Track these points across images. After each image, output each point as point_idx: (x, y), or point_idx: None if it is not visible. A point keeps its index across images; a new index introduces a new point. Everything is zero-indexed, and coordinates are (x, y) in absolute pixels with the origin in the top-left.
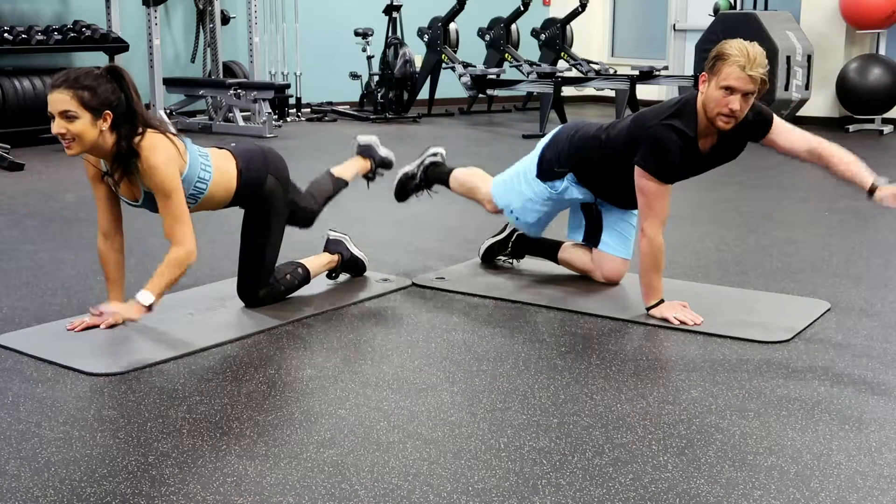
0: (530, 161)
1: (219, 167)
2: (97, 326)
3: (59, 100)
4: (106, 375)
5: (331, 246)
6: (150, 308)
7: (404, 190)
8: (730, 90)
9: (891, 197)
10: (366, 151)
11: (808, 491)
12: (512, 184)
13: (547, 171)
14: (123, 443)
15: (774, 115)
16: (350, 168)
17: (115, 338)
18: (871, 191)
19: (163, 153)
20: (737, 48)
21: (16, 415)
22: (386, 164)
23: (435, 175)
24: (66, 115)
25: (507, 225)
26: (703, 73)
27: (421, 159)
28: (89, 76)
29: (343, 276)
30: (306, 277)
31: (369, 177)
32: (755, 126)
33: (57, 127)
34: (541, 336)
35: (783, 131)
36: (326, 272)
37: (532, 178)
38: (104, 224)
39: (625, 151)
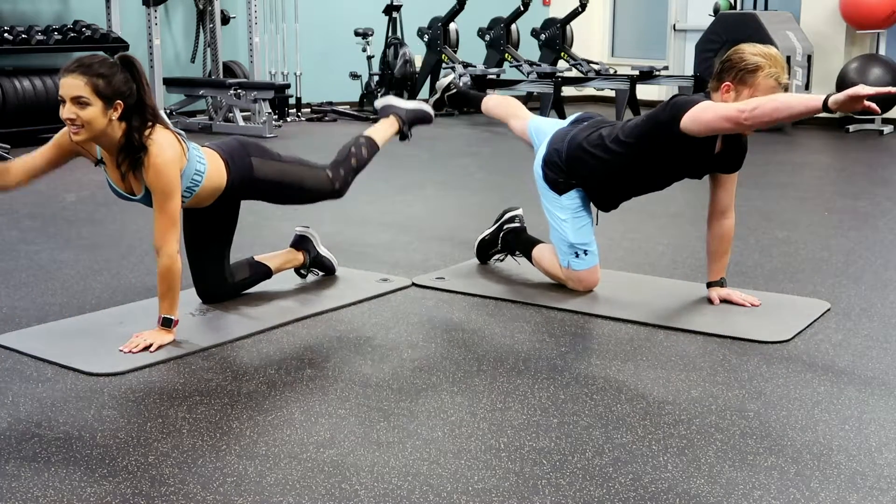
0: (545, 202)
1: (209, 160)
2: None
3: (73, 85)
4: (106, 375)
5: (296, 243)
6: (175, 324)
7: (485, 254)
8: None
9: (716, 296)
10: (300, 244)
11: (808, 491)
12: (557, 235)
13: (558, 183)
14: (123, 443)
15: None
16: (277, 259)
17: (115, 338)
18: (710, 283)
19: (171, 152)
20: (762, 55)
21: (16, 415)
22: (325, 268)
23: (516, 244)
24: (78, 101)
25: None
26: (727, 83)
27: (498, 224)
28: (104, 64)
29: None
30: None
31: (302, 273)
32: (741, 152)
33: (67, 112)
34: (541, 336)
35: (734, 178)
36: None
37: (560, 207)
38: (29, 160)
39: (646, 142)
